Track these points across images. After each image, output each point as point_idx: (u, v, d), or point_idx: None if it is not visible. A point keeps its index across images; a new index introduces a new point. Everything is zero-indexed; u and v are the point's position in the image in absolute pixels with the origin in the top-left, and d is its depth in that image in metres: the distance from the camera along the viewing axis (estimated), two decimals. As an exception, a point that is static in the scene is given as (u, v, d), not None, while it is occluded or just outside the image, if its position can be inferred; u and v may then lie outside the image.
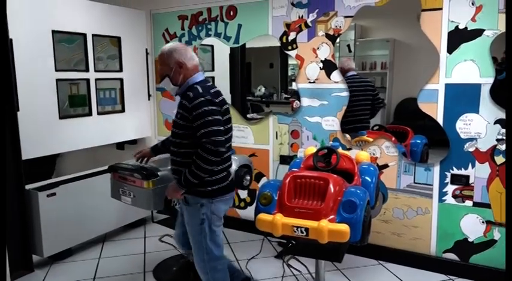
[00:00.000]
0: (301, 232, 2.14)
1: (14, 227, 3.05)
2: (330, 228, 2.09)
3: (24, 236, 3.13)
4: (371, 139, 3.41)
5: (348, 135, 3.61)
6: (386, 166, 3.22)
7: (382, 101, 3.76)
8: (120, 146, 4.47)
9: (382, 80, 6.84)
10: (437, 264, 3.09)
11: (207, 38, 3.92)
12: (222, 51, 4.76)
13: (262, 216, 2.24)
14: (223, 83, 4.71)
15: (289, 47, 3.47)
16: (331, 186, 2.23)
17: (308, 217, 2.17)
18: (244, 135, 3.83)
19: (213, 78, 4.86)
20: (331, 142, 3.36)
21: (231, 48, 5.09)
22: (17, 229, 3.08)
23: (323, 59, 3.35)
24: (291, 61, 4.87)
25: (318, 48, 3.35)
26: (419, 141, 3.37)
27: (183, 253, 3.18)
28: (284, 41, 3.48)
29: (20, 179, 3.09)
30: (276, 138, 3.66)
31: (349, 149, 3.32)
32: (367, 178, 2.62)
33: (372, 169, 2.70)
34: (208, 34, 3.89)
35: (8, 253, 2.94)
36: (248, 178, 3.18)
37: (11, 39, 2.97)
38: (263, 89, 8.94)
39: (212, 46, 4.83)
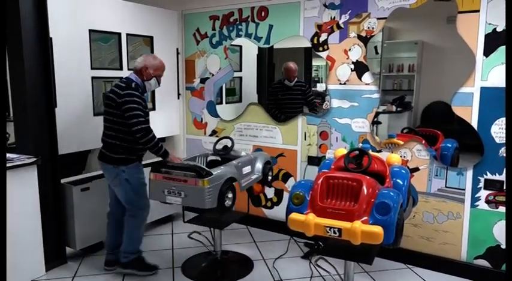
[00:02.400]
0: (334, 233, 2.14)
1: (50, 220, 3.14)
2: (364, 229, 2.09)
3: (59, 229, 3.22)
4: (401, 142, 3.38)
5: (377, 137, 3.59)
6: (417, 169, 3.18)
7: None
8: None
9: (409, 83, 6.74)
10: (468, 270, 3.03)
11: (238, 39, 3.95)
12: (250, 51, 4.80)
13: (295, 216, 2.25)
14: (250, 83, 4.75)
15: (320, 48, 3.46)
16: (364, 187, 2.23)
17: (341, 217, 2.17)
18: (272, 135, 3.85)
19: (240, 78, 4.91)
20: (360, 144, 3.34)
21: (259, 49, 5.08)
22: (52, 222, 3.17)
23: (354, 60, 3.33)
24: (315, 62, 4.87)
25: (349, 49, 3.34)
26: (449, 145, 3.32)
27: (210, 250, 3.23)
28: (315, 42, 3.48)
29: (56, 173, 3.18)
30: (305, 139, 3.66)
31: (379, 151, 3.30)
32: (398, 180, 2.60)
33: (403, 171, 2.68)
34: (239, 34, 3.92)
35: (44, 244, 3.05)
36: (271, 173, 3.28)
37: (51, 38, 3.07)
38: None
39: (240, 46, 4.85)
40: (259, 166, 3.17)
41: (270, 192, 3.92)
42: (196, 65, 4.21)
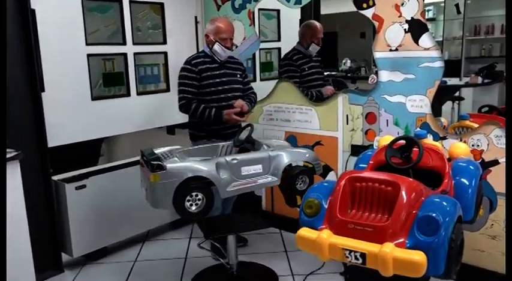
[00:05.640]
0: (356, 259, 1.70)
1: (40, 224, 2.99)
2: (397, 256, 1.62)
3: (52, 234, 3.07)
4: (476, 125, 2.80)
5: (443, 120, 3.01)
6: (495, 162, 2.59)
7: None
8: (171, 130, 4.30)
9: (501, 47, 5.97)
10: None
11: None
12: (291, 17, 4.37)
13: (304, 232, 1.84)
14: None
15: (364, 5, 2.93)
16: (403, 194, 1.75)
17: (367, 237, 1.72)
18: (307, 119, 3.40)
19: (279, 49, 4.49)
20: (418, 129, 2.81)
21: (302, 13, 4.61)
22: (43, 226, 3.02)
23: (409, 18, 2.77)
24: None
25: (402, 4, 2.77)
26: (549, 127, 2.67)
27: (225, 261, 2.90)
28: (357, -4, 2.95)
29: (46, 169, 3.01)
30: (347, 123, 3.17)
31: (444, 138, 2.74)
32: (463, 180, 2.11)
33: (471, 167, 2.17)
34: (264, -6, 3.48)
35: (34, 251, 2.90)
36: (301, 183, 2.75)
37: (33, 10, 2.86)
38: (349, 62, 8.29)
39: (278, 11, 4.46)
40: (279, 167, 2.70)
41: (306, 189, 3.50)
42: (217, 36, 3.84)
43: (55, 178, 3.11)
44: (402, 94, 2.88)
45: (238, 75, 3.23)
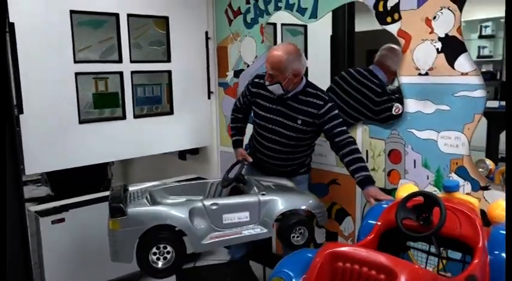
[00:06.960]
0: None
1: (13, 259, 2.66)
2: None
3: (26, 272, 2.73)
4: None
5: (489, 162, 2.39)
6: (554, 225, 1.94)
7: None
8: (182, 155, 3.92)
9: None
10: None
11: (276, 13, 3.06)
12: (320, 34, 3.91)
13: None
14: (322, 78, 3.88)
15: (389, 19, 2.39)
16: (402, 288, 1.21)
17: None
18: (322, 152, 2.87)
19: (306, 69, 4.02)
20: (452, 174, 2.22)
21: (333, 30, 4.16)
22: (16, 261, 2.69)
23: (443, 35, 2.20)
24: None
25: (434, 17, 2.21)
26: None
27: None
28: (380, 9, 2.42)
29: (20, 199, 2.69)
30: (367, 160, 2.62)
31: (485, 188, 2.12)
32: (504, 255, 1.52)
33: None
34: (277, 7, 3.02)
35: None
36: (299, 235, 2.23)
37: (11, 24, 2.57)
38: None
39: (305, 26, 4.01)
40: (271, 215, 2.16)
41: (319, 236, 2.95)
42: (229, 53, 3.42)
43: (32, 209, 2.79)
44: (433, 129, 2.30)
45: (300, 122, 2.47)
